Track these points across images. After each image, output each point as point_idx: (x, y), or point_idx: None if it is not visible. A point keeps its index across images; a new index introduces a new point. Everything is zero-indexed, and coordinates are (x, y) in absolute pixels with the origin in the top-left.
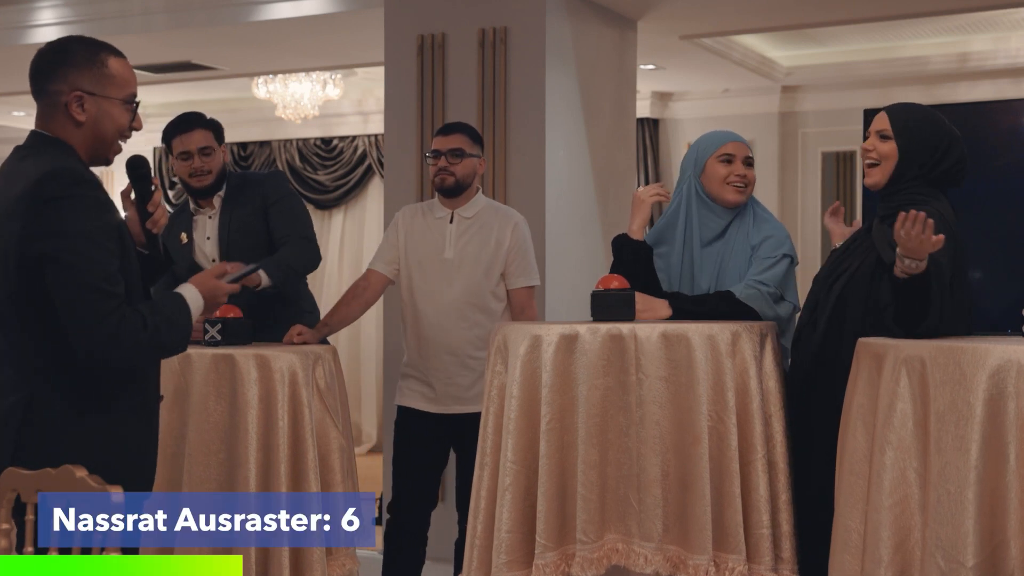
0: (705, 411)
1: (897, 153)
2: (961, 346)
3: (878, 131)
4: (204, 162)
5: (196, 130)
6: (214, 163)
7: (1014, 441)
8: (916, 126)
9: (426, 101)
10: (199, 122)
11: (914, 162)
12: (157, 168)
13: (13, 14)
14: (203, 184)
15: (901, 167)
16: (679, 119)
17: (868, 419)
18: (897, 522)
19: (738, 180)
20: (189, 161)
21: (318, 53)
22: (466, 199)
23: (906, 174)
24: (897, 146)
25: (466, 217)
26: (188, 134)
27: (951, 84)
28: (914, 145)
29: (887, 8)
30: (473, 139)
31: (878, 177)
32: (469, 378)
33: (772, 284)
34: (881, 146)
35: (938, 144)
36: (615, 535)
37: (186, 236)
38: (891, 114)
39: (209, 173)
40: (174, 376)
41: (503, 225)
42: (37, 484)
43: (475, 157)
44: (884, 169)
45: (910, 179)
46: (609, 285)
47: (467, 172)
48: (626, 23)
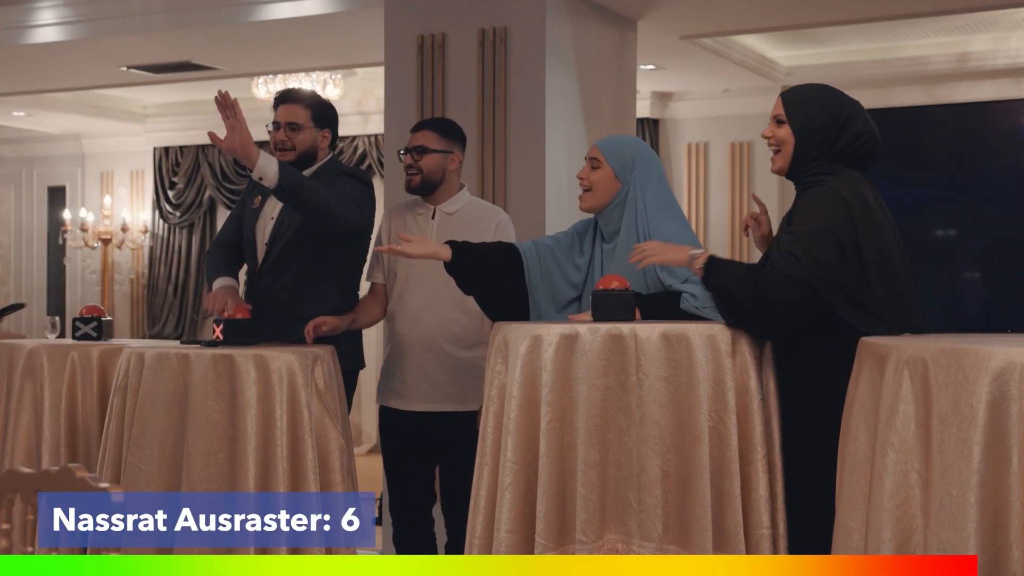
0: (705, 411)
1: (792, 136)
2: (964, 348)
3: (774, 116)
4: (289, 136)
5: (291, 103)
6: (299, 140)
7: (1017, 444)
8: (808, 107)
9: (426, 101)
10: (296, 96)
11: (811, 142)
12: (157, 168)
13: (13, 14)
14: (283, 160)
15: (799, 149)
16: (679, 119)
17: (870, 420)
18: (899, 524)
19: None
20: (277, 132)
21: (318, 53)
22: (446, 195)
23: (806, 155)
24: (791, 129)
25: (448, 213)
26: (284, 105)
27: (951, 84)
28: (808, 126)
29: (887, 8)
30: (442, 134)
31: (780, 163)
32: (444, 376)
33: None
34: (778, 131)
35: (832, 121)
36: (615, 535)
37: (260, 200)
38: (784, 98)
39: (291, 150)
40: (173, 376)
41: (487, 222)
42: (37, 484)
43: (442, 153)
44: (784, 154)
45: (811, 160)
46: (609, 285)
47: (433, 168)
48: (626, 23)
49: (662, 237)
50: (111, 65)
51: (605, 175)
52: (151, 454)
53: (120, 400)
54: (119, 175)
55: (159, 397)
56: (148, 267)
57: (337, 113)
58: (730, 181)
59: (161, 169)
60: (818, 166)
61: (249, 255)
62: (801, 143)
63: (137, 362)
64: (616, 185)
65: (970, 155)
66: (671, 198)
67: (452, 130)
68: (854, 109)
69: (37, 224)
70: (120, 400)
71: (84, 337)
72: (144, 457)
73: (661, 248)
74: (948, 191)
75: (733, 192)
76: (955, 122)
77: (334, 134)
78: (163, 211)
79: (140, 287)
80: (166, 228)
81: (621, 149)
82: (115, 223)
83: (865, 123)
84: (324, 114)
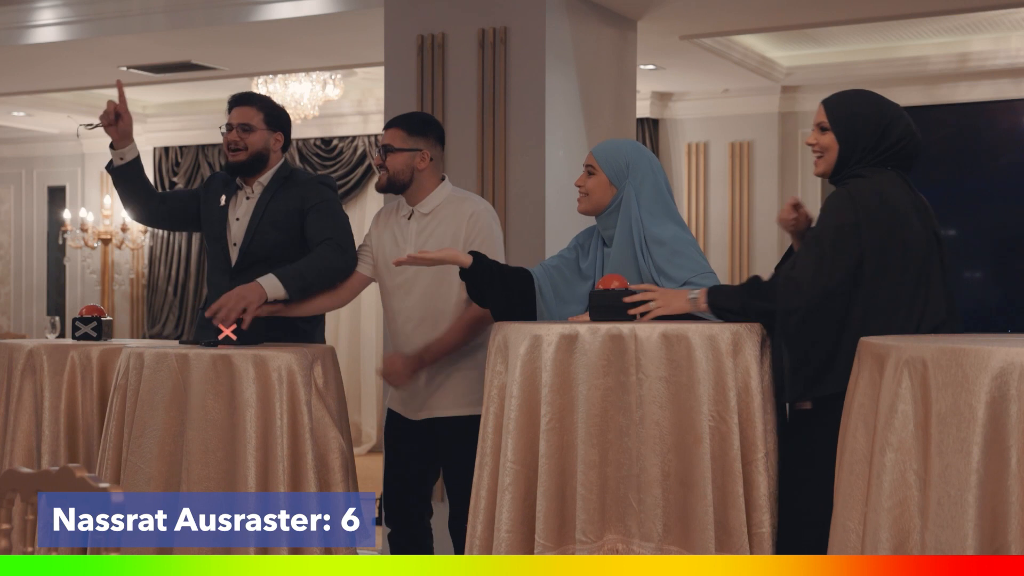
0: (706, 411)
1: (836, 142)
2: (964, 348)
3: (817, 123)
4: (241, 136)
5: (244, 105)
6: (251, 141)
7: (1016, 444)
8: (851, 115)
9: (426, 101)
10: (249, 98)
11: (855, 148)
12: (157, 168)
13: (13, 14)
14: (235, 160)
15: (843, 154)
16: (679, 119)
17: (869, 420)
18: (896, 524)
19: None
20: (230, 132)
21: (318, 53)
22: (421, 194)
23: (850, 159)
24: (835, 136)
25: (424, 213)
26: (237, 107)
27: (951, 84)
28: (851, 133)
29: (887, 8)
30: (409, 132)
31: (823, 167)
32: (433, 382)
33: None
34: (821, 138)
35: (875, 127)
36: (615, 535)
37: (224, 199)
38: (827, 106)
39: (243, 150)
40: (172, 375)
41: (460, 218)
42: (37, 484)
43: (408, 152)
44: (827, 159)
45: (855, 163)
46: (609, 285)
47: (399, 168)
48: (626, 23)
49: (658, 242)
50: (111, 65)
51: (600, 181)
52: (151, 454)
53: (120, 400)
54: None
55: (158, 397)
56: (148, 267)
57: (290, 117)
58: (730, 181)
59: (161, 169)
60: (859, 169)
61: (218, 250)
62: (845, 149)
63: (136, 362)
64: (611, 191)
65: (970, 155)
66: (667, 201)
67: (420, 126)
68: (895, 113)
69: (37, 224)
70: (120, 400)
71: (84, 337)
72: (144, 457)
73: (663, 299)
74: (948, 191)
75: (733, 192)
76: (955, 122)
77: (287, 137)
78: None
79: (140, 287)
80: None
81: (615, 155)
82: (115, 223)
83: (906, 126)
84: (277, 117)
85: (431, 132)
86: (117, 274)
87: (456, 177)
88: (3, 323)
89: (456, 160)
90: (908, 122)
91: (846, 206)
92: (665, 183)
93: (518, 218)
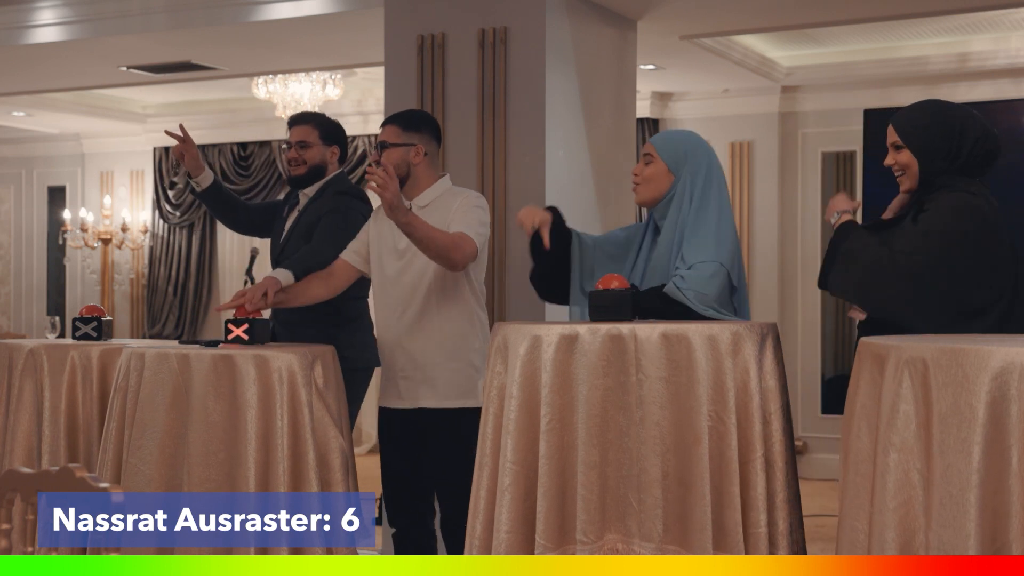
0: (705, 411)
1: (915, 158)
2: (964, 348)
3: (891, 144)
4: (299, 153)
5: (301, 124)
6: (309, 156)
7: (1016, 444)
8: (921, 127)
9: (426, 101)
10: (306, 117)
11: (935, 159)
12: (157, 168)
13: (13, 14)
14: (296, 173)
15: (924, 167)
16: (679, 119)
17: (871, 420)
18: (902, 524)
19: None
20: (289, 151)
21: (318, 53)
22: (418, 188)
23: (933, 170)
24: (911, 152)
25: (421, 206)
26: (296, 127)
27: (951, 84)
28: (927, 146)
29: (887, 8)
30: (403, 127)
31: (909, 183)
32: (419, 374)
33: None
34: (899, 157)
35: (949, 133)
36: (615, 535)
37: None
38: (896, 124)
39: (302, 164)
40: (173, 376)
41: (453, 203)
42: (37, 484)
43: (403, 147)
44: (910, 176)
45: (939, 173)
46: (609, 285)
47: (395, 163)
48: (626, 23)
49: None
50: (111, 65)
51: (658, 170)
52: (151, 455)
53: (120, 401)
54: (119, 175)
55: (159, 398)
56: (148, 267)
57: (345, 132)
58: (730, 181)
59: (161, 169)
60: (946, 178)
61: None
62: (924, 162)
63: (137, 363)
64: (668, 179)
65: None
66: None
67: (415, 122)
68: (965, 115)
69: (37, 224)
70: (120, 401)
71: (84, 337)
72: (144, 458)
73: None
74: None
75: (733, 192)
76: None
77: (343, 150)
78: (163, 211)
79: (140, 287)
80: (166, 228)
81: (675, 143)
82: (115, 223)
83: (980, 126)
84: (332, 132)
85: (426, 128)
86: (117, 274)
87: (456, 177)
88: (3, 323)
89: (456, 160)
90: (980, 121)
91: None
92: (720, 172)
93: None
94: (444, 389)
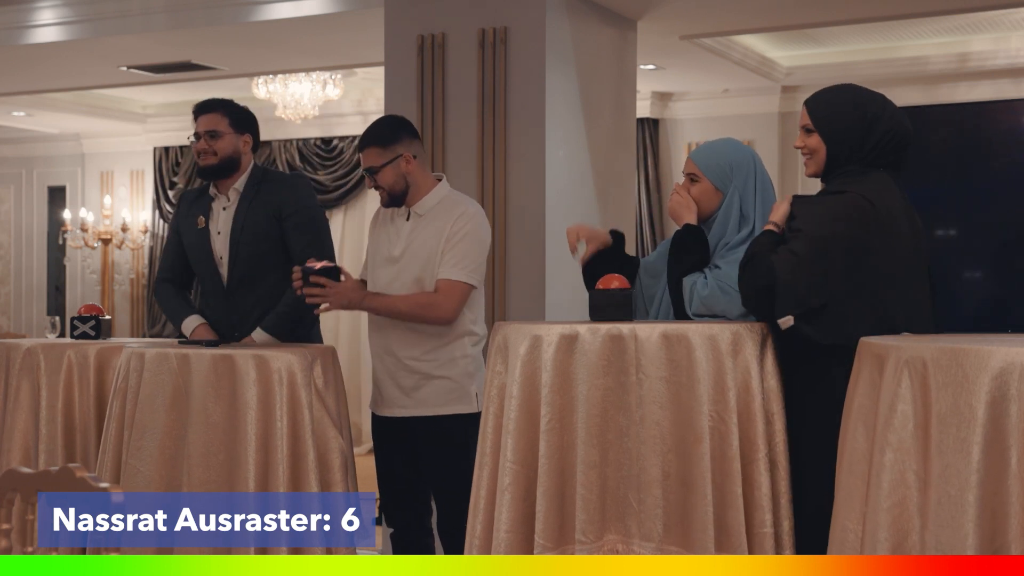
0: (706, 411)
1: (823, 143)
2: (964, 348)
3: (802, 126)
4: (209, 144)
5: (209, 113)
6: (220, 147)
7: (1016, 444)
8: (833, 114)
9: (426, 101)
10: (213, 105)
11: (842, 146)
12: (157, 168)
13: (13, 14)
14: (205, 163)
15: (831, 153)
16: (679, 119)
17: (869, 420)
18: (895, 524)
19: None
20: (198, 142)
21: (318, 53)
22: (419, 194)
23: (839, 158)
24: (820, 137)
25: (420, 214)
26: (203, 115)
27: (951, 84)
28: (835, 132)
29: (887, 8)
30: (383, 145)
31: (813, 168)
32: (410, 380)
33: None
34: (808, 140)
35: (859, 125)
36: (615, 535)
37: (203, 220)
38: (809, 107)
39: (212, 155)
40: (173, 377)
41: (449, 218)
42: (37, 484)
43: (391, 163)
44: (816, 161)
45: (844, 162)
46: (609, 285)
47: (391, 182)
48: (626, 23)
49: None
50: (111, 65)
51: (704, 189)
52: (151, 456)
53: (120, 402)
54: (119, 175)
55: (159, 398)
56: (148, 267)
57: (256, 118)
58: None
59: (161, 169)
60: (850, 169)
61: (207, 274)
62: (832, 149)
63: (137, 363)
64: (717, 196)
65: (970, 155)
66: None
67: (388, 134)
68: (879, 107)
69: (37, 224)
70: (120, 402)
71: (82, 336)
72: (144, 460)
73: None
74: (948, 191)
75: None
76: (955, 122)
77: (255, 138)
78: (163, 211)
79: (140, 287)
80: (166, 228)
81: (718, 158)
82: (115, 223)
83: (891, 119)
84: (243, 119)
85: (402, 132)
86: (117, 274)
87: (456, 177)
88: (3, 323)
89: (456, 160)
90: (893, 114)
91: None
92: (766, 178)
93: (518, 218)
94: (435, 397)
